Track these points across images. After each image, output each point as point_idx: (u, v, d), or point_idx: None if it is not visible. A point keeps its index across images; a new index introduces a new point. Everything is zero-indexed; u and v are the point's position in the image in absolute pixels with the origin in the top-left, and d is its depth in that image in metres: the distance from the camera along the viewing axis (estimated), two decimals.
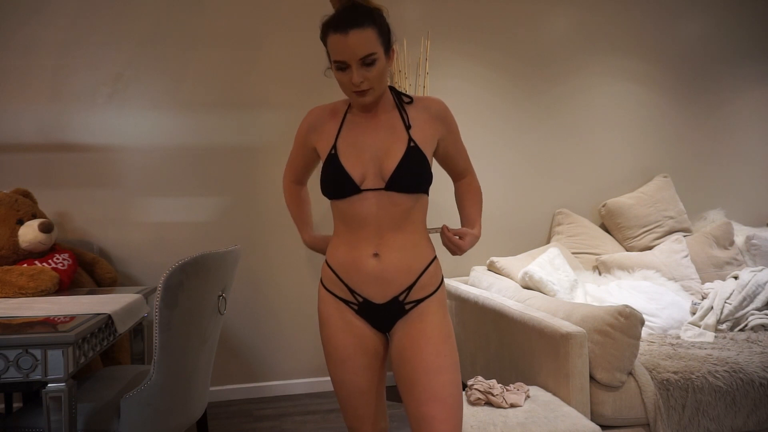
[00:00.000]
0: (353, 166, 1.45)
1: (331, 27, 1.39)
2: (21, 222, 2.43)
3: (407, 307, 1.50)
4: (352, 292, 1.50)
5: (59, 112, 2.97)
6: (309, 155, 1.63)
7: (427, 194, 1.53)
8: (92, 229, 3.01)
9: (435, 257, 1.56)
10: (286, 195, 1.76)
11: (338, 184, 1.46)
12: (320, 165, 1.58)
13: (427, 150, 1.50)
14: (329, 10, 1.44)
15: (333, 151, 1.48)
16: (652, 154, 3.79)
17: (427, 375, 1.44)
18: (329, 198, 1.53)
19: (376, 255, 1.46)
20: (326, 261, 1.57)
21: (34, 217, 2.49)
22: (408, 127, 1.48)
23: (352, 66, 1.38)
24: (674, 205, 3.56)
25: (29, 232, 2.40)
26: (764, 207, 3.99)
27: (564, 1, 3.62)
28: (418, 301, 1.50)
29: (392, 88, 1.54)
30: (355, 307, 1.52)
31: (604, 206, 3.60)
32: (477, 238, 1.57)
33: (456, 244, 1.51)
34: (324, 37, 1.42)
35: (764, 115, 3.98)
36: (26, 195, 2.57)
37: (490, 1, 3.49)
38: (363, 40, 1.36)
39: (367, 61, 1.38)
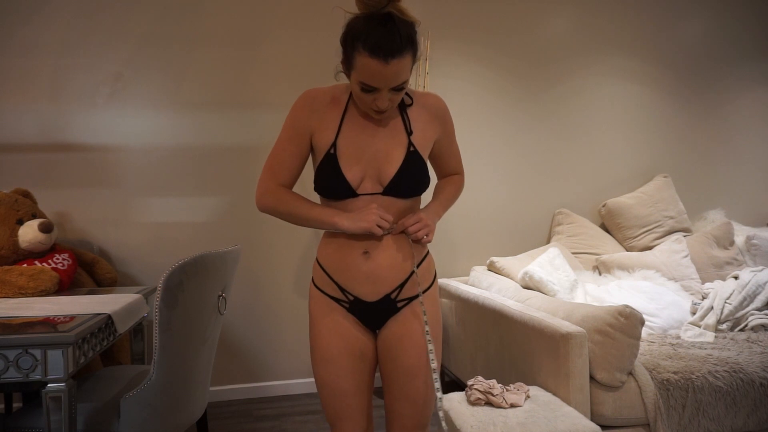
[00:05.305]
0: (351, 170, 1.41)
1: (366, 47, 1.27)
2: (21, 222, 2.43)
3: (399, 305, 1.48)
4: (342, 290, 1.48)
5: (59, 112, 2.97)
6: (305, 145, 1.47)
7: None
8: (92, 229, 3.01)
9: (428, 252, 1.55)
10: (279, 199, 1.45)
11: (334, 186, 1.42)
12: (311, 161, 1.53)
13: (425, 153, 1.49)
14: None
15: (332, 151, 1.42)
16: (652, 154, 3.79)
17: (406, 376, 1.48)
18: (322, 197, 1.50)
19: (366, 253, 1.44)
20: (317, 259, 1.54)
21: (34, 217, 2.49)
22: (409, 133, 1.46)
23: (382, 91, 1.34)
24: (674, 205, 3.56)
25: (29, 232, 2.40)
26: (764, 207, 3.99)
27: (564, 1, 3.62)
28: (411, 299, 1.49)
29: None
30: (346, 306, 1.49)
31: (604, 206, 3.60)
32: (430, 212, 1.49)
33: (416, 226, 1.43)
34: (352, 50, 1.31)
35: (764, 115, 3.98)
36: (26, 195, 2.57)
37: (490, 1, 3.49)
38: (401, 69, 1.30)
39: (399, 88, 1.35)
